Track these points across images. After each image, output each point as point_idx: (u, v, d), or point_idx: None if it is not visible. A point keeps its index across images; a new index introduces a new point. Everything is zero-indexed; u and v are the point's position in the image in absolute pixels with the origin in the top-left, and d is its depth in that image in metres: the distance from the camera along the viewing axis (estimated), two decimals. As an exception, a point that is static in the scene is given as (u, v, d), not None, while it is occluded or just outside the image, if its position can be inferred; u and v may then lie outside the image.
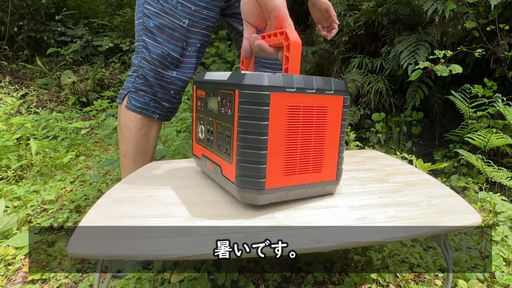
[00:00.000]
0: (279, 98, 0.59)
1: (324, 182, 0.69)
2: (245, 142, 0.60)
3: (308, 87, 0.62)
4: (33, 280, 0.98)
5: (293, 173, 0.64)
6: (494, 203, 1.24)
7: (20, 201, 1.40)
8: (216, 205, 0.68)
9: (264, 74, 0.58)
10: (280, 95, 0.59)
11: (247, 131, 0.59)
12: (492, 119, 1.80)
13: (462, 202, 0.67)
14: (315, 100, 0.63)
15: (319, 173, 0.67)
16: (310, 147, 0.65)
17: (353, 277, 0.92)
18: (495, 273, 0.90)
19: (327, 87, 0.64)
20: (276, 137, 0.60)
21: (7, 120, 1.97)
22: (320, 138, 0.65)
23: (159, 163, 0.99)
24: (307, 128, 0.63)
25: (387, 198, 0.69)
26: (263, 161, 0.60)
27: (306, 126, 0.63)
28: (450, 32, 2.02)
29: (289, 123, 0.61)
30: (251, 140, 0.59)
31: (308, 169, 0.65)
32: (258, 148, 0.59)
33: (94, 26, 4.61)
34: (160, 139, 1.99)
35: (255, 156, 0.60)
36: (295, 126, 0.62)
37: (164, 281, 0.93)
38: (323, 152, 0.66)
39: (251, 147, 0.60)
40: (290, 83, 0.60)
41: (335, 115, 0.66)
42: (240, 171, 0.62)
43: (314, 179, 0.67)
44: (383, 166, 0.88)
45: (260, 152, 0.59)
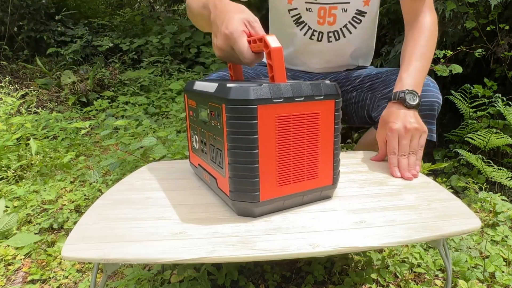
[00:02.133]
0: (267, 110, 0.58)
1: (320, 187, 0.68)
2: (236, 157, 0.59)
3: (296, 95, 0.60)
4: (33, 280, 0.98)
5: (288, 182, 0.63)
6: (494, 203, 1.24)
7: (20, 201, 1.40)
8: (213, 207, 0.68)
9: (249, 88, 0.57)
10: (267, 107, 0.58)
11: (237, 146, 0.59)
12: (492, 119, 1.80)
13: (461, 206, 0.67)
14: (305, 108, 0.62)
15: (315, 179, 0.67)
16: (304, 155, 0.64)
17: (353, 277, 0.92)
18: (495, 273, 0.90)
19: (316, 92, 0.63)
20: (267, 149, 0.60)
21: (7, 120, 1.97)
22: (313, 145, 0.65)
23: (158, 163, 0.99)
24: (299, 137, 0.63)
25: (386, 202, 0.69)
26: (256, 174, 0.59)
27: (297, 135, 0.62)
28: (450, 32, 2.02)
29: (279, 134, 0.60)
30: (241, 154, 0.59)
31: (303, 177, 0.65)
32: (250, 162, 0.59)
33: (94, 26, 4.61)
34: (160, 139, 1.99)
35: (247, 170, 0.59)
36: (285, 136, 0.61)
37: (164, 281, 0.94)
38: (317, 159, 0.66)
39: (243, 162, 0.59)
40: (277, 93, 0.59)
41: (327, 120, 0.65)
42: (234, 186, 0.61)
43: (310, 186, 0.67)
44: (382, 168, 0.88)
45: (252, 166, 0.59)
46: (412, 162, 0.83)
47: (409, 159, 0.83)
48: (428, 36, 1.00)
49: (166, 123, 2.63)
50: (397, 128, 0.84)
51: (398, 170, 0.83)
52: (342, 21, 1.10)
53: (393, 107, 0.88)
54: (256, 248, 0.54)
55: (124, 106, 3.05)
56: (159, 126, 2.53)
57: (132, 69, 3.95)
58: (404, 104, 0.87)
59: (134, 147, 1.53)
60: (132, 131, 2.16)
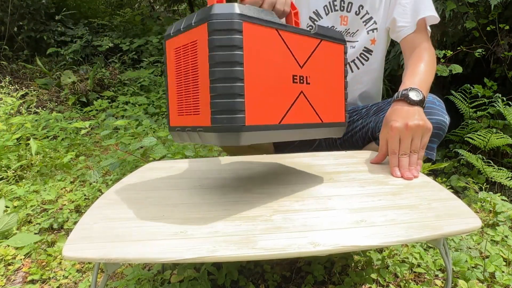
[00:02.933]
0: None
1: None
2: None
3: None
4: (33, 280, 0.98)
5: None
6: (494, 203, 1.24)
7: (20, 201, 1.40)
8: (214, 206, 0.68)
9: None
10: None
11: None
12: (492, 119, 1.80)
13: (461, 205, 0.67)
14: None
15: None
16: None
17: (353, 277, 0.92)
18: (495, 273, 0.90)
19: None
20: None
21: (7, 120, 1.97)
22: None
23: (158, 163, 0.99)
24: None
25: (386, 201, 0.69)
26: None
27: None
28: (450, 32, 2.02)
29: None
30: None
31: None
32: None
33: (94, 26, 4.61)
34: (160, 139, 2.00)
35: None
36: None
37: (164, 282, 0.93)
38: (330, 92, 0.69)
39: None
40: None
41: None
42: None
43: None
44: (383, 167, 0.88)
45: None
46: (413, 161, 0.82)
47: (411, 158, 0.82)
48: (428, 62, 1.01)
49: (166, 123, 2.63)
50: (398, 127, 0.82)
51: (399, 170, 0.82)
52: (350, 56, 1.17)
53: (397, 105, 0.86)
54: (257, 247, 0.54)
55: (124, 106, 3.05)
56: (159, 126, 2.53)
57: (132, 69, 3.95)
58: (407, 101, 0.85)
59: (134, 147, 1.53)
60: (132, 131, 2.16)
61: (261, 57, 0.59)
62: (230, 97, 0.55)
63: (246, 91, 0.56)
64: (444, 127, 0.94)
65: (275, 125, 0.61)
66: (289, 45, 0.63)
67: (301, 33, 0.66)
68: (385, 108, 1.08)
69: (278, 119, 0.62)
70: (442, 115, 0.94)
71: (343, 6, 1.14)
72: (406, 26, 1.08)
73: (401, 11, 1.09)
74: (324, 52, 0.69)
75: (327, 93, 0.71)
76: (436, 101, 0.97)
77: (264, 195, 0.72)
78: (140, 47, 4.21)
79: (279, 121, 0.62)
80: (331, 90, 0.71)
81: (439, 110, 0.94)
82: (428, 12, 1.06)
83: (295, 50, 0.64)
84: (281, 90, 0.62)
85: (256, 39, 0.58)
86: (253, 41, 0.58)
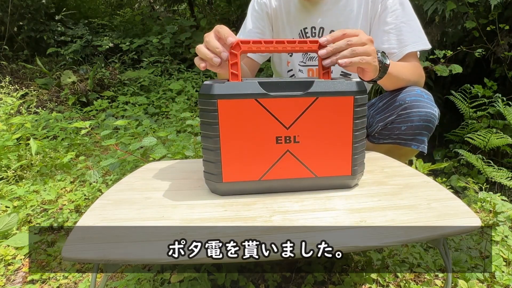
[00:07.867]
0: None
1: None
2: None
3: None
4: (33, 280, 0.98)
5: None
6: (494, 203, 1.24)
7: (20, 201, 1.40)
8: (213, 207, 0.68)
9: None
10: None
11: None
12: (492, 119, 1.80)
13: (461, 205, 0.67)
14: None
15: None
16: None
17: (353, 277, 0.92)
18: (495, 273, 0.90)
19: None
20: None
21: (7, 120, 1.97)
22: None
23: (158, 163, 0.99)
24: None
25: (386, 201, 0.69)
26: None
27: None
28: (450, 32, 2.02)
29: None
30: None
31: None
32: None
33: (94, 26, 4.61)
34: (160, 139, 2.00)
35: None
36: None
37: (164, 282, 0.93)
38: None
39: None
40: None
41: None
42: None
43: None
44: (382, 168, 0.88)
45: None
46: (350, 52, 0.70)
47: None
48: (411, 65, 0.99)
49: (166, 123, 2.63)
50: None
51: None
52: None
53: None
54: (256, 248, 0.54)
55: (124, 106, 3.05)
56: (159, 126, 2.53)
57: (132, 69, 3.95)
58: None
59: (134, 147, 1.52)
60: (132, 131, 2.16)
61: (237, 126, 0.67)
62: (211, 162, 0.70)
63: (222, 156, 0.68)
64: (433, 119, 0.93)
65: (255, 181, 0.71)
66: (271, 110, 0.67)
67: (289, 96, 0.67)
68: (376, 103, 1.09)
69: (259, 176, 0.70)
70: (431, 107, 0.93)
71: (314, 32, 1.09)
72: (393, 53, 1.01)
73: (385, 39, 1.02)
74: (322, 108, 0.68)
75: (326, 148, 0.70)
76: (424, 94, 0.95)
77: (263, 195, 0.72)
78: (140, 47, 4.21)
79: (259, 177, 0.70)
80: (332, 144, 0.70)
81: (428, 103, 0.93)
82: (418, 46, 1.00)
83: (279, 114, 0.67)
84: (261, 151, 0.69)
85: (231, 112, 0.66)
86: (227, 115, 0.66)
